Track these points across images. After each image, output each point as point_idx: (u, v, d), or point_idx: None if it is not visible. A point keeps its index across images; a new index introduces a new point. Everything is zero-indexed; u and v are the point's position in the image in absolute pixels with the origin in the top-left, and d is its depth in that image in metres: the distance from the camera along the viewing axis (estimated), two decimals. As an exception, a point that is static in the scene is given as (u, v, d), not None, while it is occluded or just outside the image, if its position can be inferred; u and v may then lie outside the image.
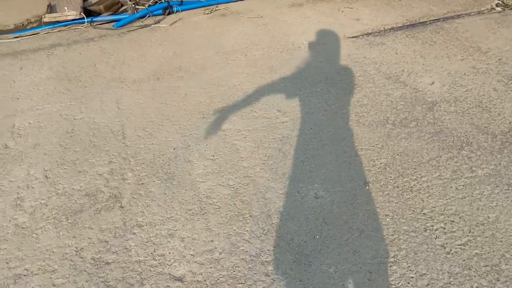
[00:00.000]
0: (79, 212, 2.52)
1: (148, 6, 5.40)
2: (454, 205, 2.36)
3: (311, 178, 2.63)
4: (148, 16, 5.29)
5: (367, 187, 2.52)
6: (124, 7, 5.69)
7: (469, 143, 2.80)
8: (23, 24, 5.61)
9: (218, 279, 2.07)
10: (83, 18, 5.20)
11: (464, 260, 2.07)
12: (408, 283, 1.98)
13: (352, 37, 4.40)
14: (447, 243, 2.15)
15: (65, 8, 5.20)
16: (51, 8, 5.38)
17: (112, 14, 5.41)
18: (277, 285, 2.02)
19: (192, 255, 2.21)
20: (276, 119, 3.20)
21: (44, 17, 5.18)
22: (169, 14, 5.42)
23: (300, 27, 4.75)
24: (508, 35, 4.19)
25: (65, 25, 5.23)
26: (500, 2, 4.95)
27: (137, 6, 5.48)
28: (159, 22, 5.19)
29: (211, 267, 2.13)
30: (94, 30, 5.09)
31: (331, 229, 2.27)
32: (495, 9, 4.86)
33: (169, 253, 2.22)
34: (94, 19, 5.27)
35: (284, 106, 3.34)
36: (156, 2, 5.54)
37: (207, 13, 5.33)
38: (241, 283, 2.04)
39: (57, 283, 2.12)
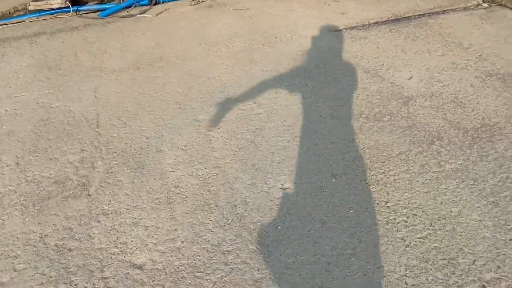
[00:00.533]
0: (47, 199, 2.52)
1: (135, -4, 5.38)
2: (418, 199, 2.36)
3: (280, 170, 2.63)
4: (134, 6, 5.27)
5: (333, 180, 2.52)
6: (111, -3, 5.67)
7: (440, 138, 2.80)
8: (9, 12, 5.58)
9: (178, 268, 2.08)
10: (69, 6, 5.18)
11: (422, 253, 2.08)
12: (365, 275, 1.99)
13: (336, 30, 4.39)
14: (407, 236, 2.16)
15: (51, -4, 5.18)
16: (37, -4, 5.35)
17: (98, 3, 5.39)
18: (235, 274, 2.03)
19: (154, 243, 2.21)
20: (252, 111, 3.20)
21: (29, 5, 5.16)
22: (155, 4, 5.40)
23: (285, 20, 4.73)
24: (491, 31, 4.18)
25: (51, 14, 5.22)
26: (487, -2, 4.93)
27: (123, -4, 5.45)
28: (144, 12, 5.17)
29: (171, 256, 2.14)
30: (79, 19, 5.07)
31: (294, 220, 2.28)
32: (481, 5, 4.84)
33: (132, 241, 2.23)
34: (79, 8, 5.26)
35: (260, 98, 3.34)
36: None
37: (194, 4, 5.31)
38: (200, 272, 2.05)
39: (19, 268, 2.13)
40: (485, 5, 4.84)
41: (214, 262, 2.10)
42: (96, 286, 2.02)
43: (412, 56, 3.80)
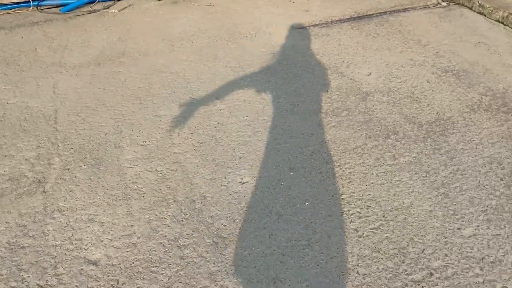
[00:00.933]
0: (0, 197, 2.46)
1: (98, -9, 5.29)
2: (372, 191, 2.43)
3: (240, 164, 2.65)
4: (98, 2, 5.18)
5: (291, 173, 2.56)
6: (73, -9, 5.55)
7: (395, 132, 2.88)
8: (-34, 6, 5.39)
9: (133, 263, 2.07)
10: (29, 1, 5.05)
11: (374, 243, 2.14)
12: (318, 265, 2.03)
13: (299, 28, 4.44)
14: (360, 227, 2.22)
15: (10, -10, 5.04)
16: (-5, -10, 5.19)
17: (60, -2, 5.28)
18: (191, 268, 2.04)
19: (110, 239, 2.20)
20: (214, 106, 3.21)
21: (-13, -1, 5.01)
22: (119, 0, 5.33)
23: (249, 16, 4.76)
24: (448, 29, 4.32)
25: (10, 8, 5.08)
26: (446, -3, 5.09)
27: (86, -9, 5.35)
28: (108, 7, 5.10)
29: (127, 251, 2.13)
30: (40, 14, 4.96)
31: (251, 213, 2.31)
32: (440, 4, 4.99)
33: (87, 237, 2.21)
34: (40, 2, 5.13)
35: (223, 94, 3.35)
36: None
37: (158, 0, 5.26)
38: (156, 266, 2.05)
39: (-32, 267, 2.08)
40: (444, 3, 4.99)
41: (170, 257, 2.10)
42: (49, 283, 1.99)
43: (372, 53, 3.89)
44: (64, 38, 4.34)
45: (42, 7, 5.13)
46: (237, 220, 2.28)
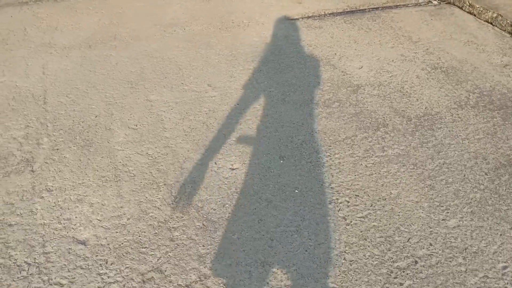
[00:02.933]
0: (-13, 175, 2.44)
1: (90, -27, 5.21)
2: (361, 181, 2.47)
3: (230, 151, 2.66)
4: (89, -16, 5.11)
5: (281, 161, 2.59)
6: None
7: (385, 124, 2.92)
8: (-47, -18, 5.26)
9: (122, 243, 2.08)
10: (19, -20, 4.95)
11: (361, 231, 2.18)
12: (306, 251, 2.06)
13: (292, 19, 4.45)
14: (348, 215, 2.26)
15: (-1, -32, 4.93)
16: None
17: (50, -21, 5.18)
18: (180, 250, 2.05)
19: (99, 220, 2.19)
20: (205, 93, 3.21)
21: (-25, -24, 4.89)
22: (111, -17, 5.26)
23: (243, 6, 4.75)
24: (439, 27, 4.37)
25: (-1, -14, 4.97)
26: (437, -4, 5.15)
27: (78, -27, 5.27)
28: (100, -10, 5.03)
29: (116, 232, 2.13)
30: (30, -6, 4.87)
31: (241, 199, 2.33)
32: (431, 2, 5.05)
33: (76, 217, 2.20)
34: (30, -18, 5.03)
35: (215, 81, 3.35)
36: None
37: (151, -15, 5.22)
38: (145, 247, 2.06)
39: (-46, 244, 2.06)
40: (435, 2, 5.05)
41: (160, 238, 2.11)
42: (37, 260, 1.98)
43: (364, 47, 3.92)
44: (54, 19, 4.28)
45: (31, -13, 5.04)
46: (227, 205, 2.29)
